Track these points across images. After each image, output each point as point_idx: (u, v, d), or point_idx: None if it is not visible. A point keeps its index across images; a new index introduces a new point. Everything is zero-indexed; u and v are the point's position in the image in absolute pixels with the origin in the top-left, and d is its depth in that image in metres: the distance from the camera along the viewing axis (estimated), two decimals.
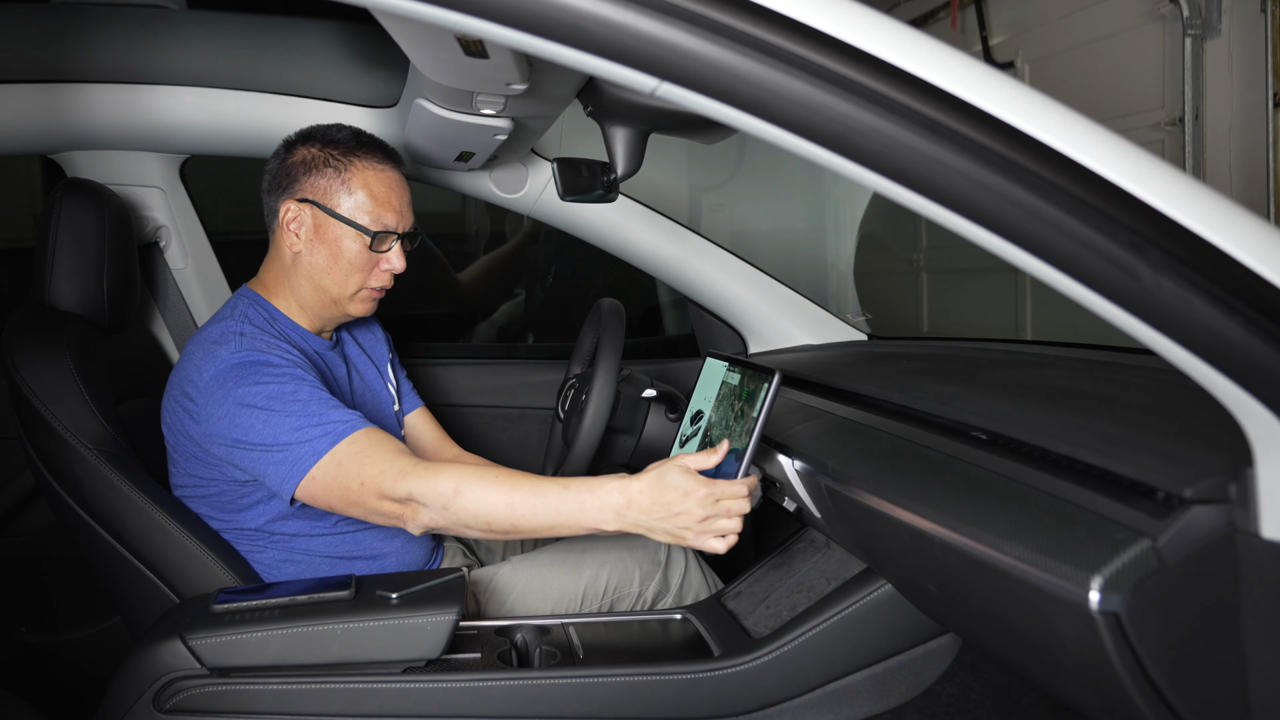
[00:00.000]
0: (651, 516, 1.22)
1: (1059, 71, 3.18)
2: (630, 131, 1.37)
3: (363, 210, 1.46)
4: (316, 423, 1.33)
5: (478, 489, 1.27)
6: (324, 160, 1.46)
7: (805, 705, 1.36)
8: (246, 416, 1.33)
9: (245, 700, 1.26)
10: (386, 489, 1.28)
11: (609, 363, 1.55)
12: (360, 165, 1.47)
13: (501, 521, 1.27)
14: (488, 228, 3.64)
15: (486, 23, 0.62)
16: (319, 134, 1.49)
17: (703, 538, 1.23)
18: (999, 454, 1.00)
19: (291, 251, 1.49)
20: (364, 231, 1.46)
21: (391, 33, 1.08)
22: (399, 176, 1.51)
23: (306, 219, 1.47)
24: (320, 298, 1.51)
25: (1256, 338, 0.68)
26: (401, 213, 1.50)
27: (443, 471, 1.29)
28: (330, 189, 1.46)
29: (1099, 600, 0.75)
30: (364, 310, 1.53)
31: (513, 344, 3.15)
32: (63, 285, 1.56)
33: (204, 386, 1.37)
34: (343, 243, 1.46)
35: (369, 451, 1.31)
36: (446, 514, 1.27)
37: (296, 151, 1.49)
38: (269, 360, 1.37)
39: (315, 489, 1.32)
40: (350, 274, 1.48)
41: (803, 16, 0.65)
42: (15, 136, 1.66)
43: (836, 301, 4.07)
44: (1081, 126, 0.68)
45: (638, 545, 1.65)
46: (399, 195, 1.50)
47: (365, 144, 1.49)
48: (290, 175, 1.47)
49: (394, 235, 1.49)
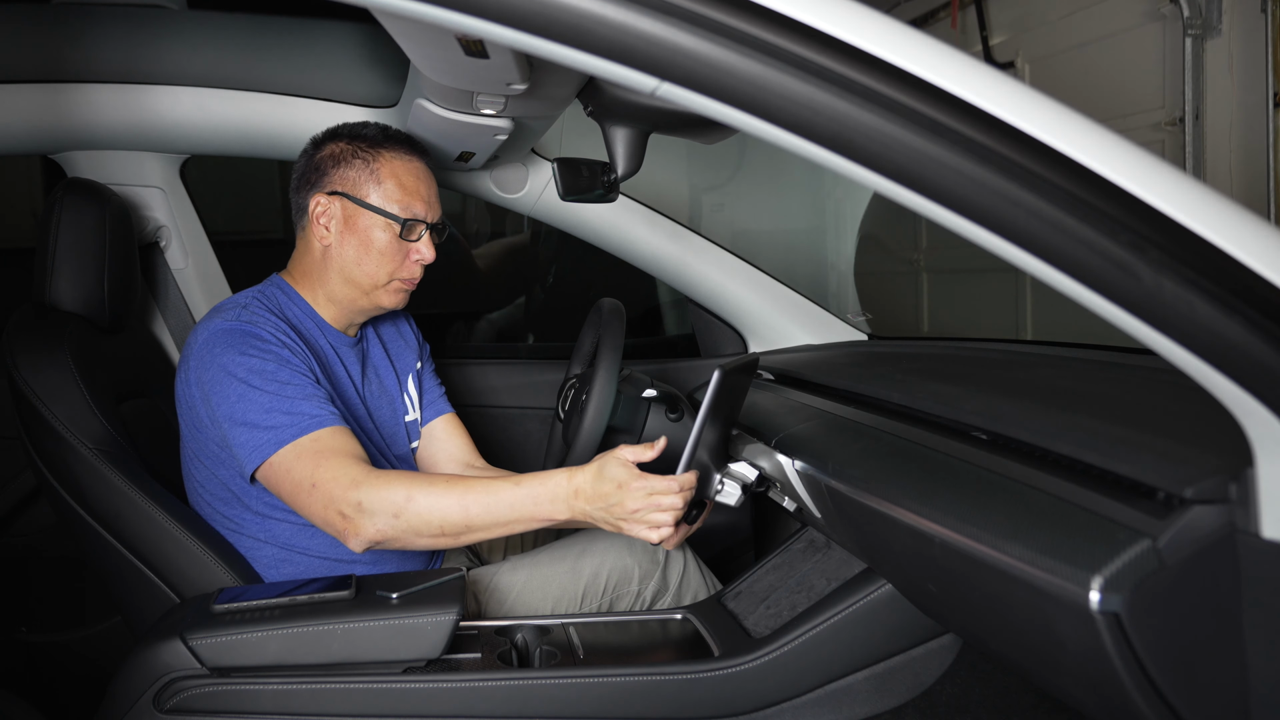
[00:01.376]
0: (594, 505, 1.27)
1: (1059, 71, 3.17)
2: (630, 131, 1.37)
3: (392, 199, 1.48)
4: (286, 410, 1.35)
5: (430, 494, 1.29)
6: (352, 153, 1.49)
7: (805, 705, 1.36)
8: (225, 384, 1.36)
9: (246, 700, 1.26)
10: (337, 495, 1.30)
11: (609, 362, 1.55)
12: (388, 156, 1.49)
13: (455, 524, 1.29)
14: (488, 227, 3.64)
15: (487, 23, 0.62)
16: (346, 130, 1.52)
17: (636, 528, 1.27)
18: (999, 454, 1.00)
19: (322, 245, 1.50)
20: (394, 220, 1.48)
21: (392, 33, 1.08)
22: (426, 168, 1.53)
23: (336, 211, 1.49)
24: (350, 290, 1.52)
25: (1257, 337, 0.68)
26: (430, 202, 1.52)
27: (395, 479, 1.31)
28: (359, 180, 1.48)
29: (1099, 600, 0.75)
30: (395, 302, 1.55)
31: (513, 344, 3.15)
32: (63, 285, 1.57)
33: (197, 349, 1.41)
34: (373, 233, 1.48)
35: (328, 453, 1.33)
36: (398, 522, 1.29)
37: (324, 148, 1.51)
38: (259, 334, 1.39)
39: (271, 475, 1.36)
40: (381, 264, 1.49)
41: (803, 16, 0.65)
42: (16, 136, 1.66)
43: (837, 301, 4.06)
44: (1082, 126, 0.68)
45: (636, 543, 1.65)
46: (427, 185, 1.52)
47: (392, 137, 1.52)
48: (319, 170, 1.50)
49: (423, 224, 1.50)
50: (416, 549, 1.40)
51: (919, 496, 1.02)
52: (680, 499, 1.27)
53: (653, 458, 1.29)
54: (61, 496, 1.45)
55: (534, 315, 3.17)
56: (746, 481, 1.49)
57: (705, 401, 1.27)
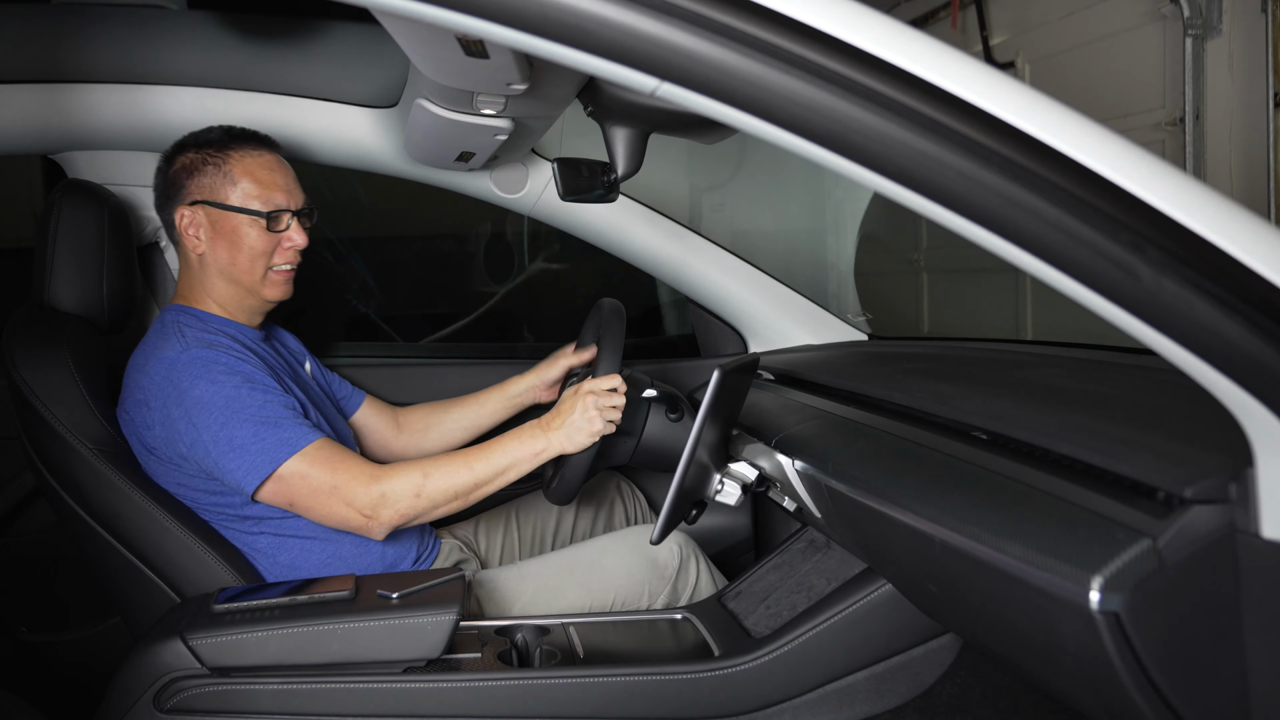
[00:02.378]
0: (556, 426, 1.47)
1: (1060, 71, 3.17)
2: (631, 131, 1.37)
3: (251, 196, 1.52)
4: (275, 425, 1.40)
5: (439, 466, 1.45)
6: (202, 160, 1.52)
7: (805, 705, 1.36)
8: (205, 415, 1.38)
9: (246, 700, 1.26)
10: (359, 492, 1.40)
11: (609, 362, 1.55)
12: (238, 155, 1.53)
13: (466, 485, 1.45)
14: (488, 229, 3.64)
15: (487, 23, 0.62)
16: (190, 140, 1.56)
17: (594, 424, 1.47)
18: (999, 454, 1.00)
19: (196, 254, 1.54)
20: (258, 215, 1.51)
21: (392, 32, 1.08)
22: (278, 159, 1.57)
23: (201, 219, 1.52)
24: (234, 290, 1.55)
25: (1257, 337, 0.68)
26: (290, 190, 1.56)
27: (405, 466, 1.45)
28: (215, 185, 1.52)
29: (1099, 600, 0.75)
30: (279, 293, 1.58)
31: (513, 344, 3.15)
32: (63, 286, 1.57)
33: (155, 390, 1.42)
34: (240, 231, 1.52)
35: (337, 455, 1.42)
36: (419, 501, 1.42)
37: (175, 161, 1.54)
38: (218, 358, 1.42)
39: (281, 488, 1.40)
40: (255, 259, 1.53)
41: (803, 16, 0.65)
42: (16, 136, 1.66)
43: (837, 301, 4.06)
44: (1082, 126, 0.68)
45: (645, 558, 1.64)
46: (283, 175, 1.56)
47: (237, 136, 1.55)
48: (175, 184, 1.53)
49: (288, 212, 1.54)
50: (431, 519, 1.48)
51: (919, 496, 1.02)
52: (608, 393, 1.48)
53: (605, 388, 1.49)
54: (61, 496, 1.45)
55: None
56: (746, 481, 1.49)
57: (705, 401, 1.27)
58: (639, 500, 2.01)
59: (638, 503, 2.00)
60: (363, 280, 3.46)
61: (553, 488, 1.56)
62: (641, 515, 2.00)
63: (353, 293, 3.41)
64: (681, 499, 1.37)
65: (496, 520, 1.89)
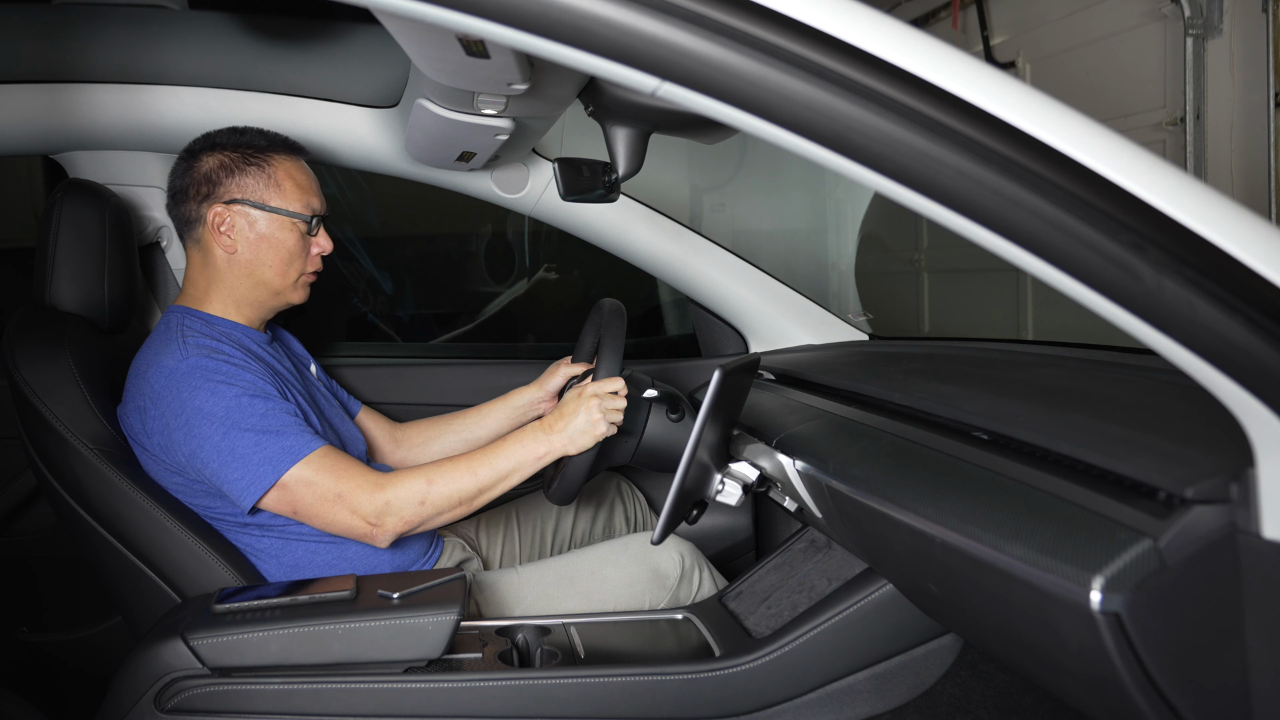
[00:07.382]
0: (559, 429, 1.47)
1: (1060, 71, 3.17)
2: (631, 131, 1.37)
3: (294, 200, 1.54)
4: (277, 433, 1.39)
5: (443, 473, 1.44)
6: (244, 160, 1.53)
7: (806, 705, 1.36)
8: (204, 424, 1.38)
9: (246, 700, 1.26)
10: (364, 500, 1.40)
11: (610, 363, 1.55)
12: (279, 160, 1.55)
13: (470, 491, 1.44)
14: (488, 229, 3.64)
15: (488, 23, 0.62)
16: (224, 139, 1.55)
17: (597, 427, 1.46)
18: (1000, 454, 1.00)
19: (227, 254, 1.53)
20: (300, 219, 1.53)
21: (392, 32, 1.08)
22: (307, 164, 1.60)
23: (238, 219, 1.52)
24: (261, 292, 1.56)
25: (1258, 337, 0.68)
26: (321, 197, 1.60)
27: (408, 473, 1.44)
28: (259, 186, 1.52)
29: (1100, 600, 0.75)
30: (303, 297, 1.60)
31: (513, 344, 3.15)
32: (63, 286, 1.57)
33: (154, 398, 1.41)
34: (280, 234, 1.53)
35: (341, 464, 1.41)
36: (423, 508, 1.42)
37: (206, 158, 1.54)
38: (218, 367, 1.41)
39: (284, 496, 1.40)
40: (291, 262, 1.55)
41: (803, 16, 0.65)
42: (16, 136, 1.66)
43: (838, 301, 4.06)
44: (1083, 126, 0.68)
45: (646, 568, 1.64)
46: (314, 181, 1.60)
47: (274, 141, 1.57)
48: (210, 181, 1.52)
49: (320, 219, 1.57)
50: (435, 526, 1.48)
51: (920, 496, 1.02)
52: (610, 395, 1.48)
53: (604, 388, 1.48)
54: (61, 496, 1.45)
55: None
56: (747, 481, 1.49)
57: (706, 401, 1.27)
58: (639, 501, 2.01)
59: (638, 503, 2.00)
60: (362, 280, 3.46)
61: (554, 488, 1.56)
62: (642, 515, 2.00)
63: (352, 293, 3.42)
64: (682, 499, 1.37)
65: (497, 520, 1.89)
